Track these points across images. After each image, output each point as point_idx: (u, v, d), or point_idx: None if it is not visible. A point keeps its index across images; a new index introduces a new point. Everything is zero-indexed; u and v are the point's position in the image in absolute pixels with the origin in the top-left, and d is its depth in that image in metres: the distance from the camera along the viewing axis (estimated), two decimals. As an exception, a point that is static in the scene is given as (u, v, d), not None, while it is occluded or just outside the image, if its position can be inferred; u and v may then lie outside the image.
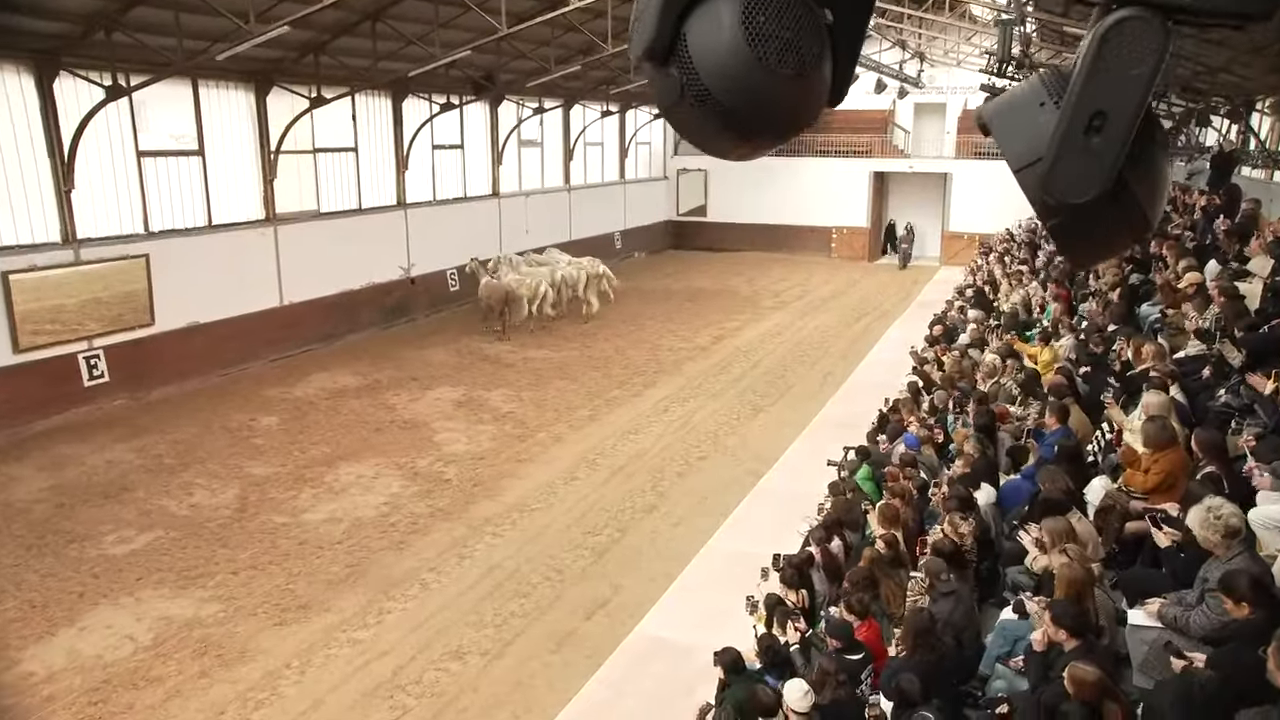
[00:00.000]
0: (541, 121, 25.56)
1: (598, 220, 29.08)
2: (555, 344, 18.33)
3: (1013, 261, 17.77)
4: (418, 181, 20.91)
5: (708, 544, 9.41)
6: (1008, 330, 11.49)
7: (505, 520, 10.22)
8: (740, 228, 32.95)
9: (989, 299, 14.78)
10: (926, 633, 4.74)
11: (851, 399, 14.27)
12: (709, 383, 15.68)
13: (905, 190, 32.13)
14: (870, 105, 31.72)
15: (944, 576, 5.34)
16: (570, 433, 13.09)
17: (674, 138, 33.66)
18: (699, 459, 12.07)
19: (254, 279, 16.50)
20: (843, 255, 31.66)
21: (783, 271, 28.36)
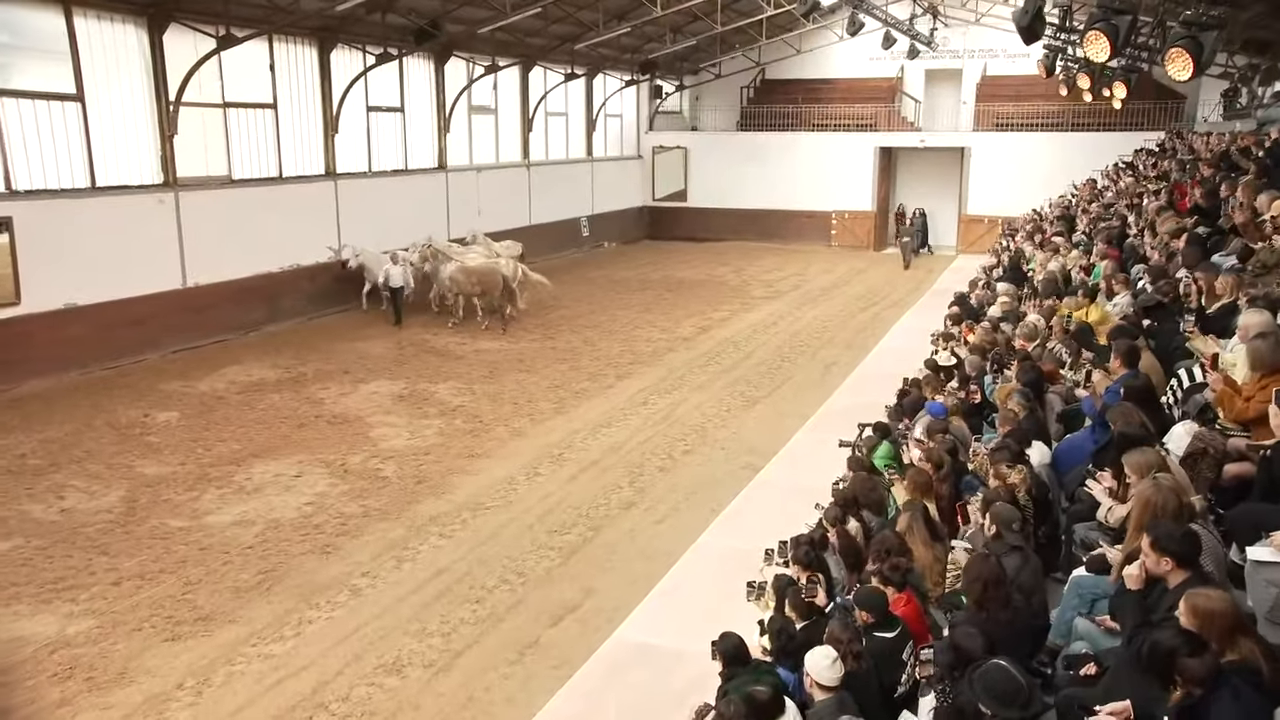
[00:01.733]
0: (496, 84, 25.37)
1: (561, 203, 28.97)
2: (512, 335, 18.23)
3: (1046, 234, 17.75)
4: (350, 148, 20.57)
5: (698, 541, 9.13)
6: (1046, 297, 11.35)
7: (454, 520, 9.85)
8: (726, 214, 33.02)
9: (1022, 270, 14.67)
10: (998, 584, 4.40)
11: (861, 389, 14.17)
12: (694, 374, 15.56)
13: (916, 168, 32.27)
14: (874, 73, 32.11)
15: (1015, 527, 5.01)
16: (532, 427, 12.83)
17: (649, 110, 33.65)
18: (684, 452, 11.86)
19: (150, 255, 15.94)
20: (845, 244, 31.68)
21: (775, 261, 28.44)
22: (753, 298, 22.72)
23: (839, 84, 32.67)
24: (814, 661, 4.37)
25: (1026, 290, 12.73)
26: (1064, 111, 28.53)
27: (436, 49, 21.91)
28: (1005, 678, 3.62)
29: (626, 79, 30.86)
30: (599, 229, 31.47)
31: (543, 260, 27.29)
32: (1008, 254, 19.08)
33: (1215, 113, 24.27)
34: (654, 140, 33.97)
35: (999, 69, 30.50)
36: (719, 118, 34.28)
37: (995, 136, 29.36)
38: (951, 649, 4.03)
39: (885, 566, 5.30)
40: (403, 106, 22.00)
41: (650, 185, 34.20)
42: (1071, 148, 27.29)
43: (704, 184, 33.36)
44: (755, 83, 34.01)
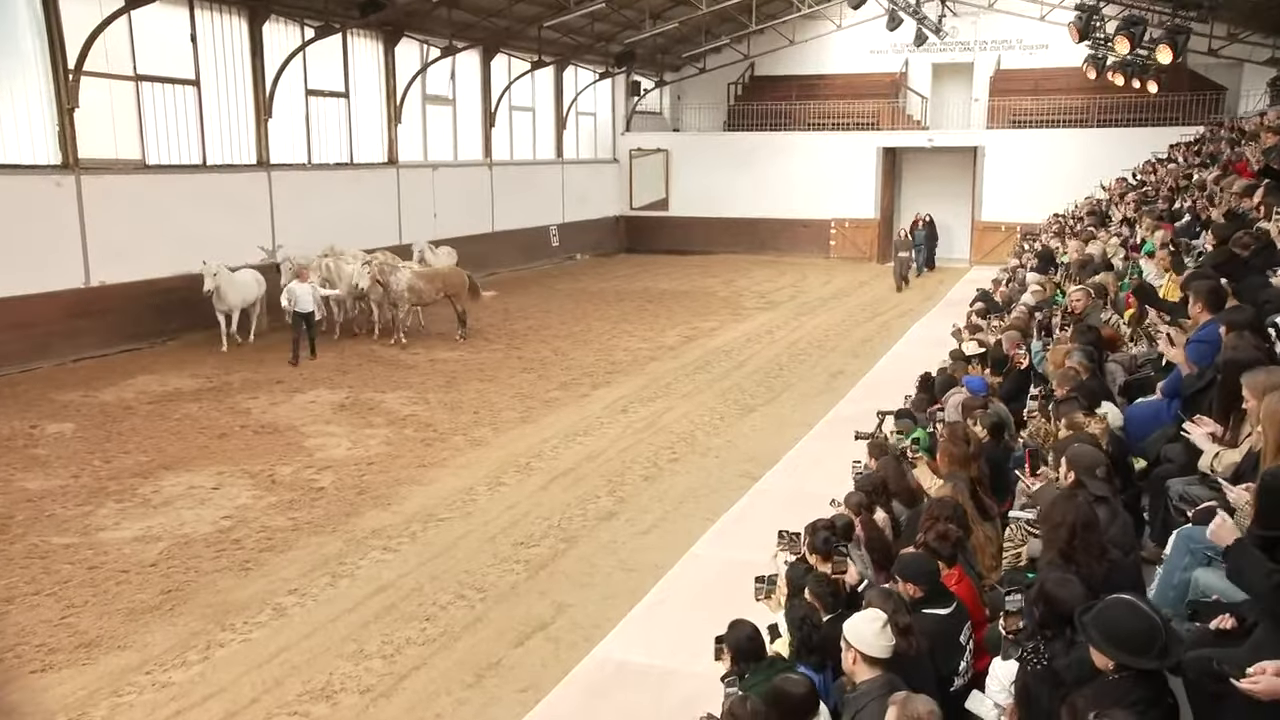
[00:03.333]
0: (454, 71, 25.14)
1: (528, 208, 28.76)
2: (472, 346, 18.08)
3: (1077, 224, 17.62)
4: (286, 136, 20.17)
5: (689, 552, 8.68)
6: (1093, 274, 11.09)
7: (401, 532, 9.30)
8: (712, 224, 32.91)
9: (1052, 261, 14.44)
10: (1089, 528, 3.87)
11: (873, 396, 13.87)
12: (680, 382, 15.33)
13: (923, 171, 32.29)
14: (875, 67, 32.23)
15: (1100, 473, 4.49)
16: (494, 436, 12.43)
17: (625, 109, 33.55)
18: (670, 461, 11.50)
19: (45, 247, 15.33)
20: (845, 255, 31.51)
21: (768, 274, 28.43)
22: (745, 308, 22.57)
23: (837, 80, 32.73)
24: (857, 627, 3.82)
25: (1060, 275, 12.43)
26: (1088, 106, 28.62)
27: (386, 28, 21.61)
28: (1133, 616, 3.08)
29: (600, 71, 30.73)
30: (570, 239, 31.22)
31: (508, 272, 27.40)
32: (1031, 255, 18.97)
33: (1261, 102, 24.32)
34: (631, 142, 33.87)
35: (1014, 61, 30.67)
36: (704, 117, 34.33)
37: (1011, 134, 29.35)
38: (1042, 600, 3.48)
39: (932, 535, 4.77)
40: (347, 91, 21.66)
41: (627, 192, 34.08)
42: (1098, 145, 27.18)
43: (687, 191, 33.22)
44: (744, 79, 34.11)
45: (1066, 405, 5.56)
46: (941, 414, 7.64)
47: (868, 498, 6.54)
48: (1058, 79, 29.68)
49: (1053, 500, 4.14)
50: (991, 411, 7.21)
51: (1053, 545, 3.94)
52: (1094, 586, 3.63)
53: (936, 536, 4.67)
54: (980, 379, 7.66)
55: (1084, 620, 3.14)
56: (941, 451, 6.08)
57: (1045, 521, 4.08)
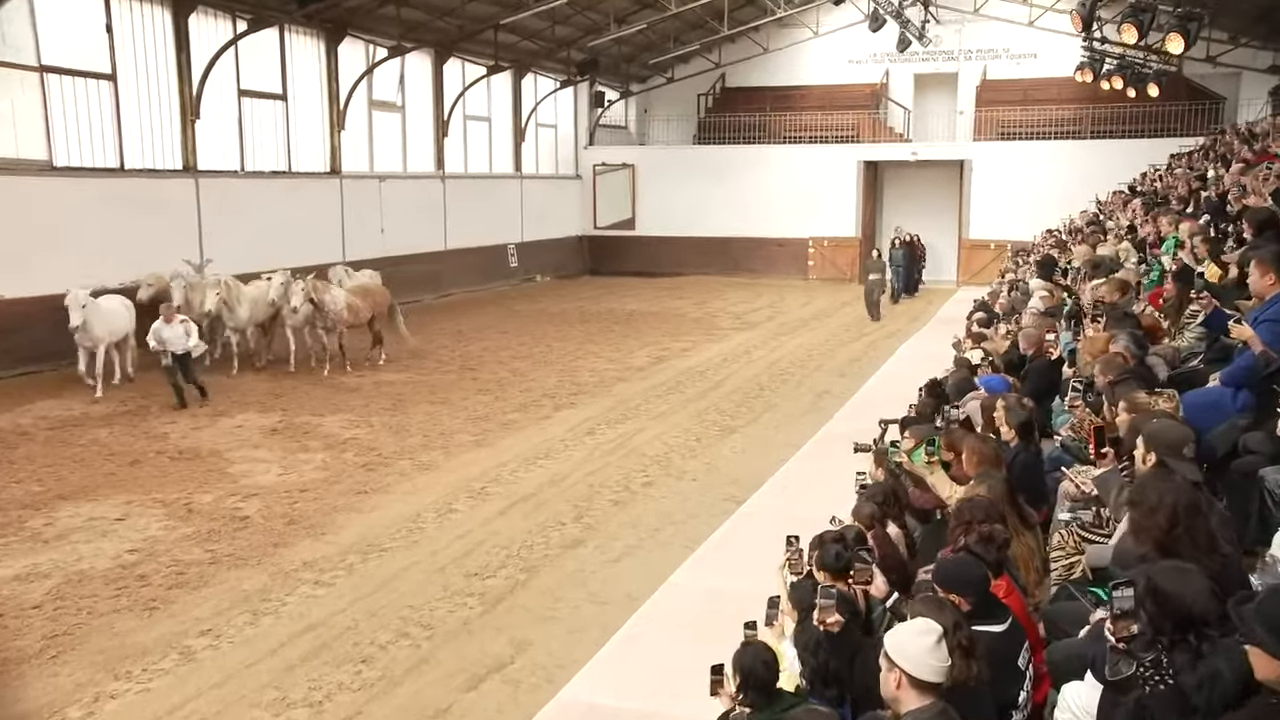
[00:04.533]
0: (402, 75, 24.68)
1: (484, 226, 28.35)
2: (421, 368, 17.53)
3: (1076, 236, 17.41)
4: (216, 140, 19.53)
5: (667, 581, 8.09)
6: (1106, 274, 10.74)
7: (337, 564, 8.61)
8: (681, 244, 32.65)
9: (1055, 265, 14.14)
10: (1194, 513, 3.28)
11: (863, 415, 13.47)
12: (652, 403, 14.91)
13: (906, 186, 32.26)
14: (854, 78, 32.21)
15: (1188, 452, 3.92)
16: (445, 460, 11.88)
17: (589, 121, 33.28)
18: (643, 484, 10.98)
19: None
20: (825, 276, 31.26)
21: (743, 295, 28.23)
22: (719, 329, 22.27)
23: (813, 90, 32.73)
24: (904, 642, 3.19)
25: (1071, 279, 12.10)
26: (1081, 117, 28.74)
27: (327, 25, 21.07)
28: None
29: (561, 79, 30.42)
30: (530, 260, 30.84)
31: (462, 292, 27.19)
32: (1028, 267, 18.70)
33: (1261, 111, 24.41)
34: (595, 157, 33.63)
35: (1001, 71, 30.81)
36: (672, 130, 34.22)
37: (1000, 147, 29.37)
38: (1152, 598, 2.86)
39: (973, 539, 4.17)
40: (285, 94, 21.07)
41: (591, 210, 33.80)
42: (1091, 157, 27.23)
43: (655, 209, 33.00)
44: (714, 89, 34.06)
45: (1124, 386, 5.03)
46: (957, 412, 7.13)
47: (880, 509, 6.00)
48: (1047, 89, 29.77)
49: (1142, 482, 3.54)
50: (1020, 408, 6.69)
51: (1146, 536, 3.34)
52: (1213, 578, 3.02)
53: (980, 540, 4.07)
54: (1001, 378, 7.16)
55: (1244, 613, 2.53)
56: (969, 451, 5.52)
57: (1137, 506, 3.47)
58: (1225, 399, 5.10)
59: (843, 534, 5.52)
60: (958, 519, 4.43)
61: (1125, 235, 13.91)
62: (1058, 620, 3.97)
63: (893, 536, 6.04)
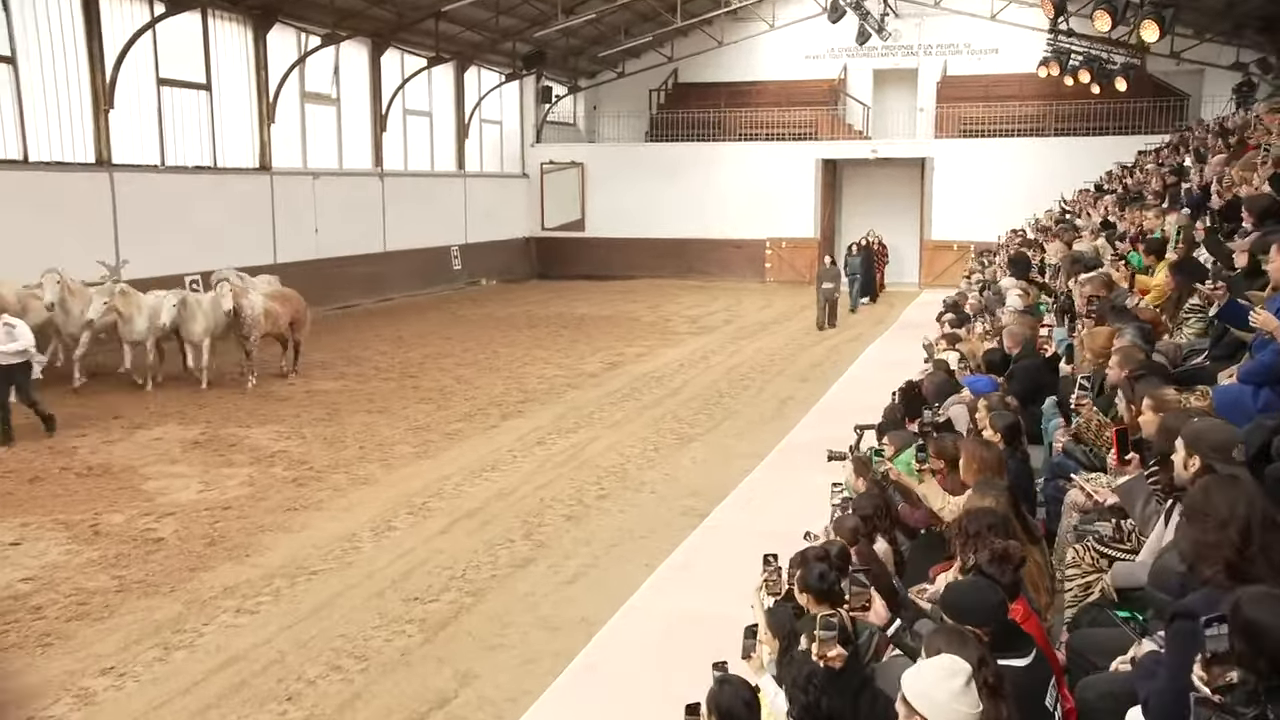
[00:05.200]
0: (337, 66, 24.14)
1: (425, 226, 27.93)
2: (359, 374, 17.06)
3: (1044, 235, 17.35)
4: (133, 132, 18.84)
5: (626, 604, 7.74)
6: (1073, 276, 10.56)
7: (261, 589, 8.10)
8: (633, 245, 32.41)
9: (1029, 264, 14.01)
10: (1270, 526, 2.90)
11: (829, 422, 13.33)
12: (605, 411, 14.58)
13: (866, 186, 32.27)
14: (811, 73, 32.19)
15: (1238, 455, 3.59)
16: (384, 473, 11.41)
17: (536, 118, 32.96)
18: (598, 498, 10.61)
19: None
20: (783, 279, 31.11)
21: (699, 299, 28.10)
22: (675, 333, 22.03)
23: (769, 86, 32.75)
24: (925, 684, 2.81)
25: (1049, 276, 11.95)
26: (1044, 114, 28.97)
27: (255, 11, 20.45)
28: None
29: (506, 73, 30.02)
30: (474, 262, 30.46)
31: (403, 297, 26.76)
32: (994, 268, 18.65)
33: (1225, 108, 24.68)
34: (542, 154, 33.31)
35: (962, 67, 30.95)
36: (623, 127, 34.01)
37: (962, 144, 29.49)
38: (1243, 634, 2.46)
39: (985, 557, 3.80)
40: (209, 83, 20.43)
41: (538, 210, 33.49)
42: (1056, 155, 27.43)
43: (605, 209, 32.73)
44: (667, 85, 33.93)
45: (1147, 382, 4.70)
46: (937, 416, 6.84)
47: (865, 523, 5.66)
48: (1009, 85, 29.96)
49: (1205, 489, 3.15)
50: (1004, 409, 6.40)
51: (1213, 555, 2.93)
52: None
53: (993, 559, 3.71)
54: (988, 378, 6.86)
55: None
56: (969, 458, 5.19)
57: (1200, 519, 3.07)
58: (1245, 398, 4.81)
59: (826, 550, 5.17)
60: (963, 534, 4.08)
61: (1100, 232, 13.80)
62: (1083, 649, 3.61)
63: (881, 553, 5.72)
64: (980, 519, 4.07)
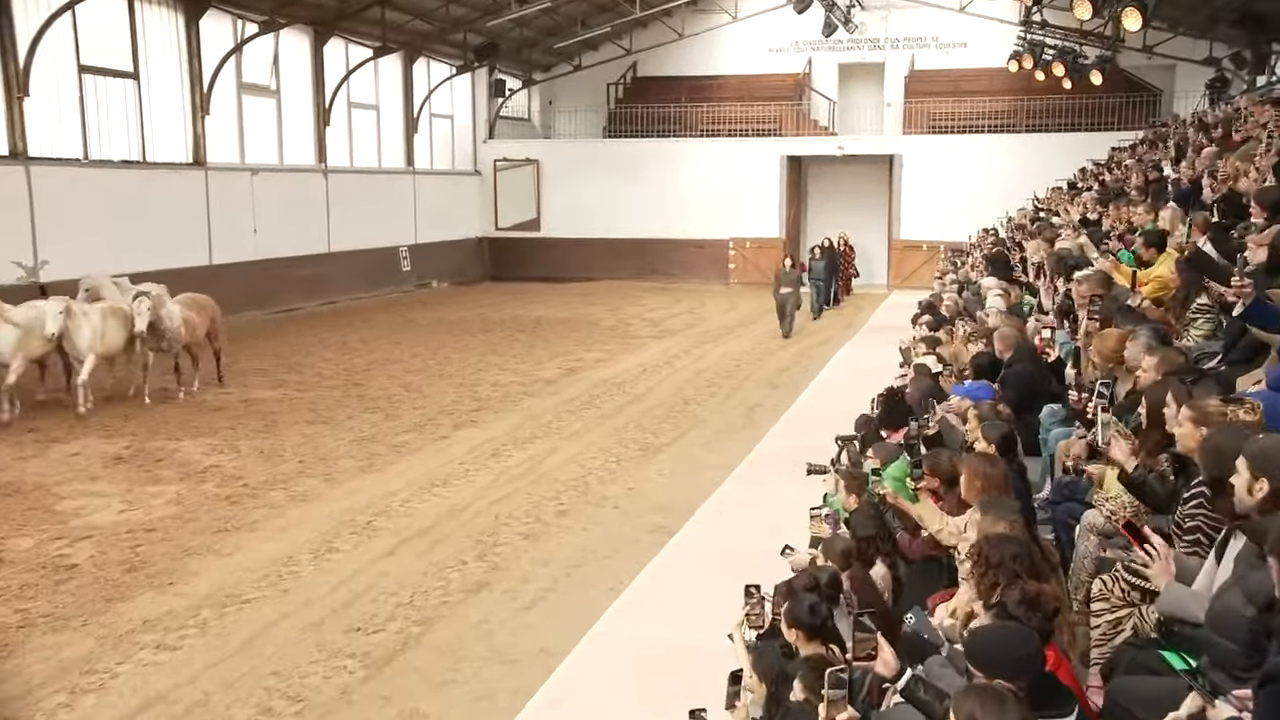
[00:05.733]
0: (276, 55, 23.58)
1: (372, 226, 27.43)
2: (301, 382, 16.60)
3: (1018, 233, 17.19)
4: (52, 122, 18.16)
5: (590, 632, 7.35)
6: (1059, 276, 10.31)
7: (186, 621, 7.59)
8: (591, 246, 32.17)
9: (1008, 264, 13.79)
10: None
11: (801, 430, 13.13)
12: (564, 420, 14.21)
13: (833, 184, 32.22)
14: (775, 67, 32.06)
15: None
16: (326, 489, 10.94)
17: (488, 112, 32.61)
18: (558, 514, 10.20)
19: None
20: (747, 280, 30.88)
21: (661, 301, 27.89)
22: (636, 337, 21.69)
23: (731, 80, 32.66)
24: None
25: (1034, 275, 11.71)
26: (1014, 110, 29.08)
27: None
28: None
29: (457, 65, 29.57)
30: (424, 263, 30.03)
31: (348, 300, 26.29)
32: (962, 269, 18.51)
33: (1199, 104, 24.79)
34: (496, 151, 32.98)
35: (930, 61, 31.05)
36: (580, 123, 33.68)
37: (930, 141, 29.50)
38: None
39: (1015, 597, 3.38)
40: (137, 72, 19.79)
41: (492, 209, 33.13)
42: (1027, 152, 27.48)
43: (562, 208, 32.51)
44: (625, 79, 33.71)
45: (1197, 389, 4.31)
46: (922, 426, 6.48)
47: (862, 545, 5.29)
48: (978, 79, 30.02)
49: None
50: (997, 418, 6.04)
51: None
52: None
53: (1023, 600, 3.28)
54: (985, 385, 6.49)
55: None
56: (972, 474, 4.81)
57: None
58: (1278, 406, 4.46)
59: (815, 579, 4.78)
60: (982, 563, 3.67)
61: (1081, 229, 13.59)
62: (1125, 701, 3.19)
63: (878, 579, 5.34)
64: (1001, 548, 3.66)
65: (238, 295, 21.39)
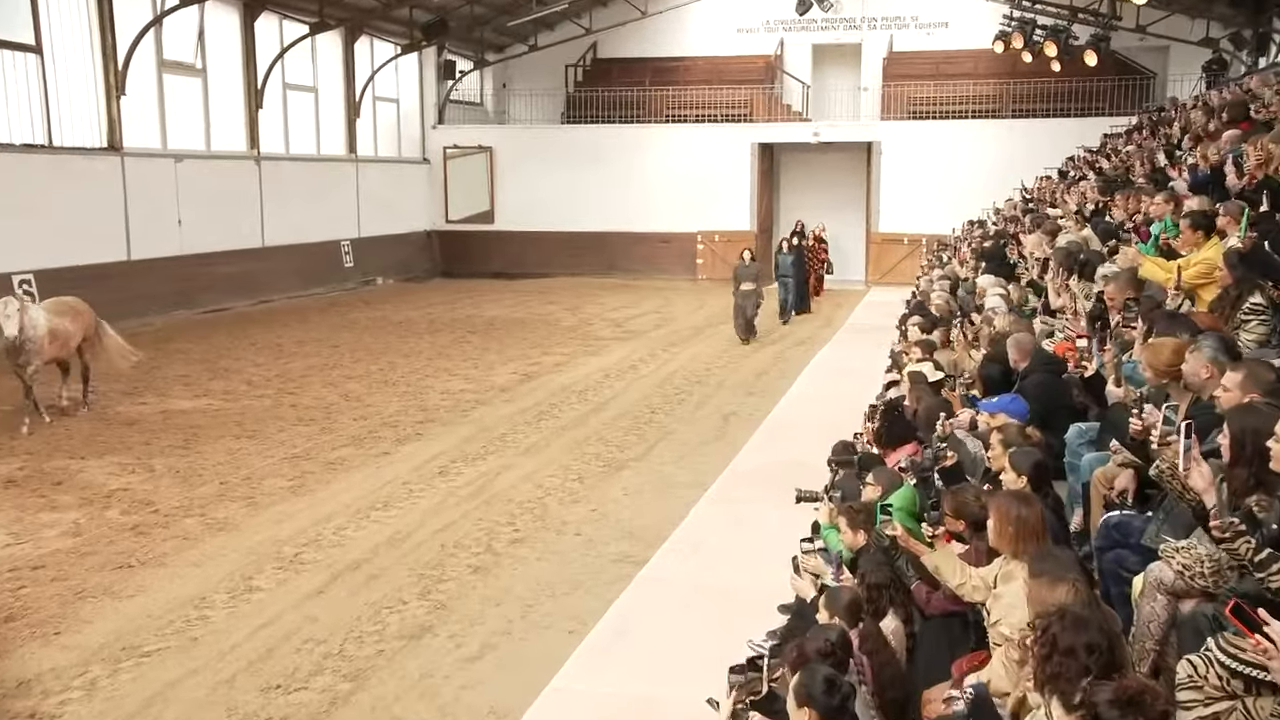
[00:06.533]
0: (202, 31, 23.02)
1: (311, 218, 26.92)
2: (229, 391, 15.90)
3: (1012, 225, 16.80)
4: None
5: (549, 687, 6.76)
6: (1071, 273, 9.83)
7: (73, 680, 6.89)
8: (549, 240, 31.97)
9: (1006, 259, 13.34)
10: None
11: (781, 442, 12.82)
12: (519, 433, 13.72)
13: (807, 173, 32.05)
14: (744, 49, 31.80)
15: None
16: (249, 515, 10.26)
17: (437, 96, 32.24)
18: (512, 542, 9.59)
19: None
20: (717, 277, 30.33)
21: (624, 299, 27.65)
22: (598, 339, 21.25)
23: (699, 62, 32.54)
24: None
25: (1039, 272, 11.25)
26: (1000, 94, 29.15)
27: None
28: None
29: (403, 43, 29.06)
30: (368, 259, 29.57)
31: (283, 299, 25.69)
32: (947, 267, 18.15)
33: (1195, 87, 24.63)
34: (446, 138, 32.60)
35: (909, 43, 31.10)
36: (536, 107, 33.36)
37: (911, 127, 29.37)
38: None
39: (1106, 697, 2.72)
40: (40, 46, 19.08)
41: (442, 200, 32.78)
42: (1014, 138, 27.46)
43: (517, 199, 32.20)
44: (585, 60, 33.40)
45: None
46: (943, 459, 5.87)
47: (871, 593, 4.68)
48: (961, 62, 30.03)
49: None
50: (1026, 443, 5.45)
51: None
52: None
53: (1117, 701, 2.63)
54: (1017, 399, 5.87)
55: None
56: (1003, 518, 4.19)
57: None
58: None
59: (830, 644, 4.15)
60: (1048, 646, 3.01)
61: (1084, 221, 13.12)
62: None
63: (889, 633, 4.72)
64: (1075, 631, 2.99)
65: (160, 294, 20.90)
